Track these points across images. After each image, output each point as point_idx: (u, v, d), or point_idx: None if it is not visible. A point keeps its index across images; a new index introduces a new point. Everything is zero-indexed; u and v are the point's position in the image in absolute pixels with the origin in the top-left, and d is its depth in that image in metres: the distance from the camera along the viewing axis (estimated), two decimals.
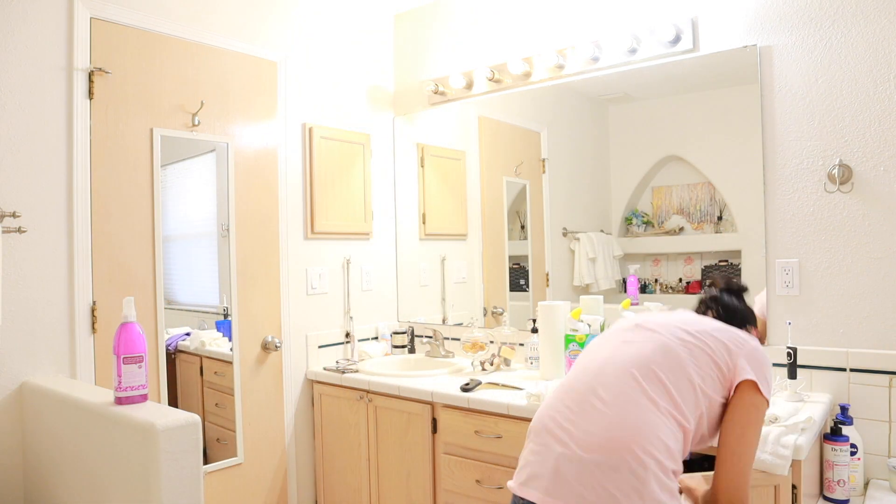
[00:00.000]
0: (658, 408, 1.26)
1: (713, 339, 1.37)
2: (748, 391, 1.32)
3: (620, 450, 1.21)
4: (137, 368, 1.62)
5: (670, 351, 1.35)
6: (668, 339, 1.37)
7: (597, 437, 1.24)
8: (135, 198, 2.23)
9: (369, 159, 3.08)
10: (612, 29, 2.49)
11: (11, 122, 1.94)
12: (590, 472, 1.21)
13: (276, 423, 2.68)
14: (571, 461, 1.24)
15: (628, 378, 1.31)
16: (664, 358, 1.34)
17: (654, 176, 2.55)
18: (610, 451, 1.21)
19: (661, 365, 1.32)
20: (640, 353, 1.36)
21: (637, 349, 1.37)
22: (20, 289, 1.95)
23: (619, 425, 1.24)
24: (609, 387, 1.31)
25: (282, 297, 2.71)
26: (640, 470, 1.19)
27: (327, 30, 2.93)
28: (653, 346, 1.37)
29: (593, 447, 1.23)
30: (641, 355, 1.35)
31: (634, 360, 1.34)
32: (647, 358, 1.34)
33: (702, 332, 1.39)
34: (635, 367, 1.33)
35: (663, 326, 1.42)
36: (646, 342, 1.39)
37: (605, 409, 1.27)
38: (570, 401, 1.34)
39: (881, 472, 1.94)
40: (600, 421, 1.26)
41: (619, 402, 1.28)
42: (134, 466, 1.51)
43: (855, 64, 1.99)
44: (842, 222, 2.03)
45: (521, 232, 2.93)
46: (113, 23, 2.17)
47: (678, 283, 2.51)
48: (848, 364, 2.00)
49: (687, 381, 1.31)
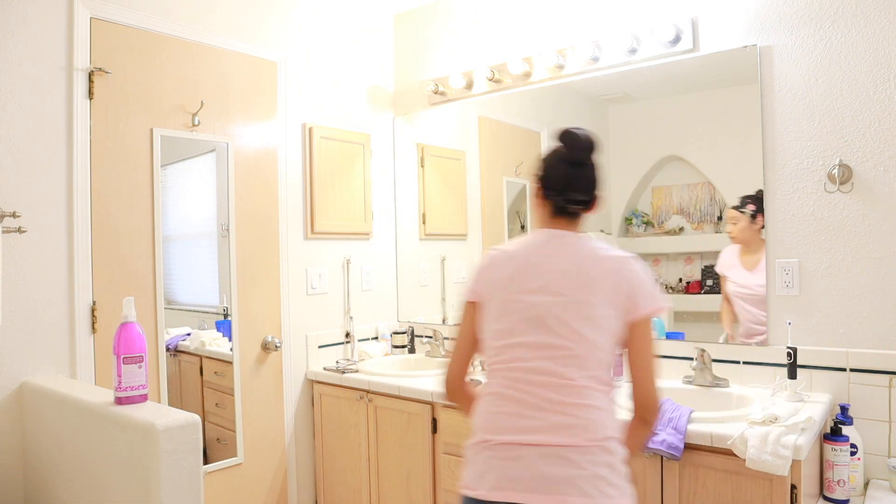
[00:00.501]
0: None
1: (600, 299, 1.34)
2: (646, 322, 1.38)
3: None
4: (137, 368, 1.62)
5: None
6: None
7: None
8: (135, 198, 2.23)
9: (369, 159, 3.08)
10: (612, 29, 2.49)
11: (11, 122, 1.94)
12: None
13: (276, 423, 2.68)
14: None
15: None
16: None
17: (654, 176, 2.55)
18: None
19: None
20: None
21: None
22: (20, 289, 1.95)
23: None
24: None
25: (282, 297, 2.71)
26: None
27: (327, 30, 2.93)
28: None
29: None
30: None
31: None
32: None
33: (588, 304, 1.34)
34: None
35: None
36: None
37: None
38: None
39: (881, 472, 1.94)
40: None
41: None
42: (134, 466, 1.51)
43: (855, 64, 1.99)
44: (842, 222, 2.03)
45: (521, 232, 2.93)
46: (113, 23, 2.17)
47: (678, 282, 2.51)
48: (848, 364, 2.00)
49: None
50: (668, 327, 2.45)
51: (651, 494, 1.82)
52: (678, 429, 1.74)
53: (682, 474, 1.77)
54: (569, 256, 1.39)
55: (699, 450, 1.74)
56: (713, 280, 2.40)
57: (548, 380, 1.32)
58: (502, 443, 1.31)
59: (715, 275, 2.40)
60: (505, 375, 1.36)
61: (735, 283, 2.33)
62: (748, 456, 1.61)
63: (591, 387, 1.33)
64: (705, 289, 2.42)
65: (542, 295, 1.36)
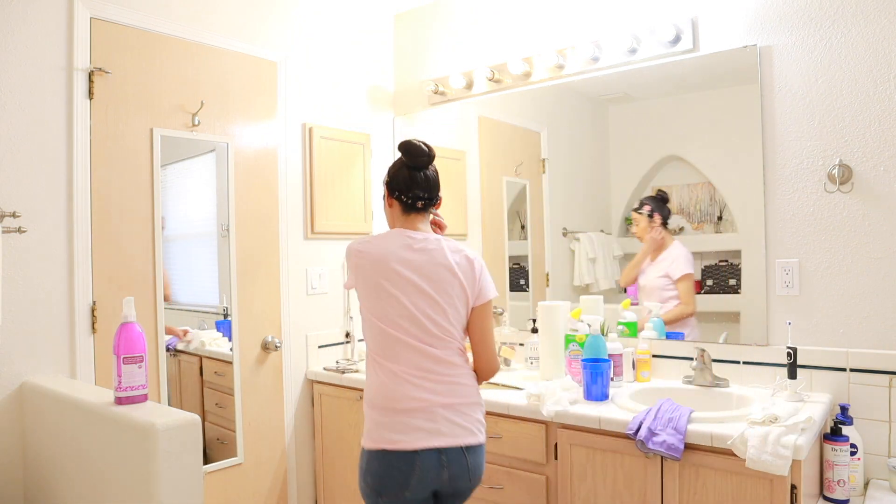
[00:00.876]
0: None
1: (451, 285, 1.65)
2: (488, 305, 1.72)
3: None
4: (137, 368, 1.62)
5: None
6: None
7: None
8: (135, 198, 2.23)
9: (369, 159, 3.08)
10: (612, 29, 2.49)
11: (11, 122, 1.94)
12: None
13: (276, 423, 2.68)
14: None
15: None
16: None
17: (654, 176, 2.55)
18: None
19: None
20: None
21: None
22: (20, 289, 1.95)
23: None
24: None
25: (282, 297, 2.71)
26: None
27: (327, 30, 2.93)
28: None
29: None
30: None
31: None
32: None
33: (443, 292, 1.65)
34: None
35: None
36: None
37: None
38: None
39: (881, 472, 1.94)
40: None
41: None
42: (134, 466, 1.51)
43: (855, 64, 1.99)
44: (842, 222, 2.03)
45: (521, 232, 2.93)
46: (113, 23, 2.17)
47: None
48: (848, 364, 2.00)
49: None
50: (668, 327, 2.45)
51: (651, 494, 1.82)
52: (678, 429, 1.74)
53: (682, 474, 1.77)
54: (426, 255, 1.65)
55: (699, 450, 1.74)
56: (713, 280, 2.40)
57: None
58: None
59: (715, 275, 2.40)
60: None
61: (641, 275, 2.60)
62: (748, 456, 1.61)
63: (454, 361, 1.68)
64: (705, 289, 2.42)
65: (408, 290, 1.64)
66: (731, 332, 2.29)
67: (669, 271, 2.51)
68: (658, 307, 2.47)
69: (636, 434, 1.79)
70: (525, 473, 2.10)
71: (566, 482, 2.00)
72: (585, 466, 1.95)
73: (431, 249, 1.66)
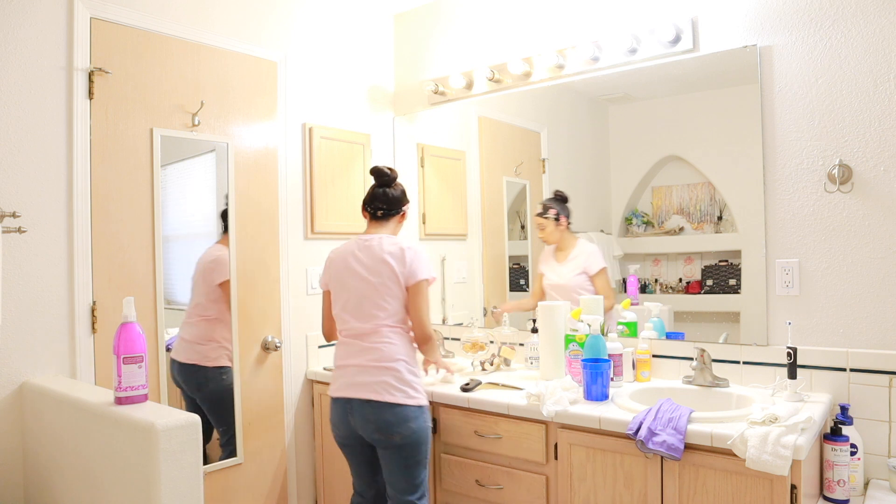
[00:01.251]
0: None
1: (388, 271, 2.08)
2: (419, 285, 2.09)
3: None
4: (137, 368, 1.62)
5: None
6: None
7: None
8: (135, 198, 2.23)
9: (369, 159, 3.08)
10: (612, 29, 2.50)
11: (11, 122, 1.94)
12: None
13: (276, 423, 2.68)
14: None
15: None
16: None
17: (654, 176, 2.55)
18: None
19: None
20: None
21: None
22: (20, 289, 1.95)
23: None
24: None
25: (282, 297, 2.71)
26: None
27: (327, 30, 2.93)
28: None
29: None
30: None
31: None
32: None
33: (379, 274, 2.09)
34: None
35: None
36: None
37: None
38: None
39: (881, 472, 1.94)
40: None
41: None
42: (134, 466, 1.51)
43: (855, 64, 2.00)
44: (842, 222, 2.03)
45: (521, 232, 2.93)
46: (113, 23, 2.17)
47: (678, 282, 2.51)
48: (848, 364, 2.00)
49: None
50: (668, 327, 2.45)
51: (651, 494, 1.82)
52: (678, 429, 1.74)
53: (682, 474, 1.77)
54: (369, 251, 2.12)
55: (699, 450, 1.74)
56: (713, 280, 2.41)
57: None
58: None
59: (715, 275, 2.41)
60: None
61: (550, 276, 2.73)
62: (748, 456, 1.61)
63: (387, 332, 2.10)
64: (705, 289, 2.42)
65: (356, 280, 2.12)
66: (731, 332, 2.30)
67: (587, 267, 2.60)
68: (659, 306, 2.47)
69: (636, 434, 1.79)
70: (525, 473, 2.10)
71: (566, 482, 2.00)
72: (585, 466, 1.95)
73: (373, 246, 2.12)
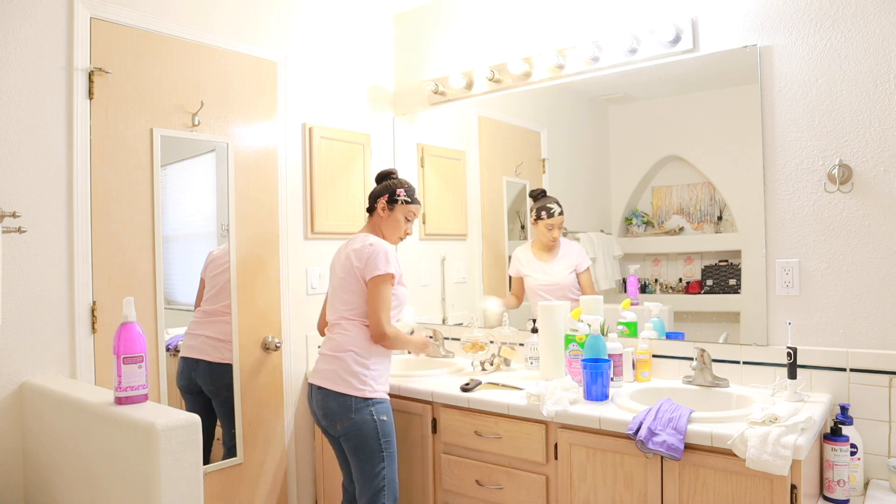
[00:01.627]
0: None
1: (350, 265, 2.19)
2: (373, 280, 2.14)
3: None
4: (137, 368, 1.62)
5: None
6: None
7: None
8: (135, 198, 2.23)
9: (369, 159, 3.08)
10: (612, 29, 2.50)
11: (11, 122, 1.94)
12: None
13: (276, 423, 2.68)
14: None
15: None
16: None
17: (654, 176, 2.55)
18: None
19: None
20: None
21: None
22: (20, 289, 1.95)
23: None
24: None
25: (282, 297, 2.71)
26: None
27: (327, 30, 2.93)
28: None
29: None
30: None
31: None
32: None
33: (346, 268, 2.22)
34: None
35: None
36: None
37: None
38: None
39: (881, 472, 1.94)
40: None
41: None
42: (134, 466, 1.51)
43: (855, 64, 2.00)
44: (842, 222, 2.03)
45: (521, 232, 2.93)
46: (113, 23, 2.17)
47: (678, 283, 2.51)
48: (848, 364, 2.00)
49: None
50: (668, 327, 2.45)
51: (651, 494, 1.82)
52: (678, 429, 1.74)
53: (682, 474, 1.77)
54: (345, 249, 2.26)
55: (699, 450, 1.74)
56: (713, 280, 2.41)
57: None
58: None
59: (715, 275, 2.40)
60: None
61: (538, 276, 2.73)
62: (748, 456, 1.61)
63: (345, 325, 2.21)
64: (705, 289, 2.42)
65: (333, 276, 2.29)
66: (731, 332, 2.30)
67: (578, 264, 2.62)
68: (659, 306, 2.47)
69: (636, 434, 1.79)
70: (525, 473, 2.10)
71: (566, 482, 2.00)
72: (585, 466, 1.95)
73: (349, 243, 2.26)
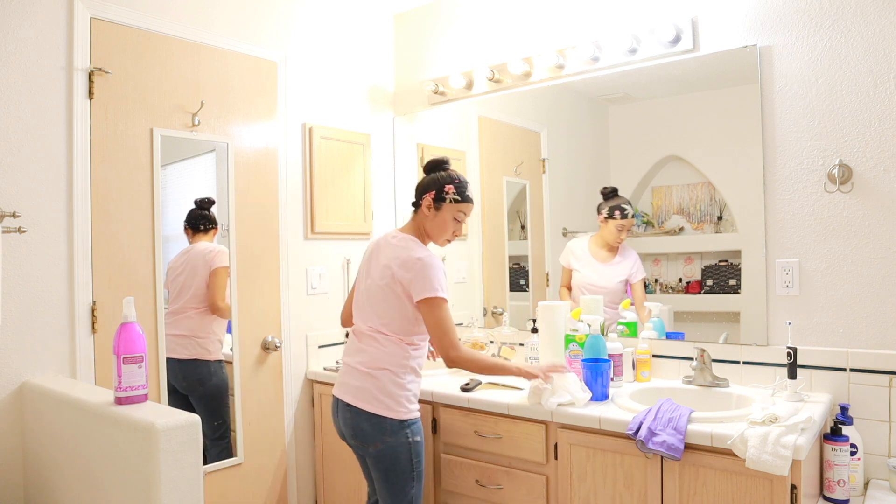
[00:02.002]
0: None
1: (391, 277, 1.97)
2: (429, 304, 1.96)
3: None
4: (137, 368, 1.62)
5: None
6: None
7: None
8: (135, 198, 2.23)
9: (369, 159, 3.08)
10: (612, 29, 2.49)
11: (11, 122, 1.94)
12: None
13: (276, 423, 2.68)
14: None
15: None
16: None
17: (654, 176, 2.55)
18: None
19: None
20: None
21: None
22: (20, 289, 1.95)
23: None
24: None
25: (282, 297, 2.71)
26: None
27: (327, 30, 2.93)
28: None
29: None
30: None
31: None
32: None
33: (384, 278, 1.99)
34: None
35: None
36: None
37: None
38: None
39: (881, 472, 1.94)
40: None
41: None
42: (134, 466, 1.51)
43: (855, 64, 2.00)
44: (842, 222, 2.03)
45: (521, 232, 2.93)
46: (113, 23, 2.17)
47: (678, 282, 2.51)
48: (848, 364, 2.00)
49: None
50: (668, 327, 2.45)
51: (651, 494, 1.82)
52: (678, 429, 1.74)
53: (682, 474, 1.77)
54: (387, 251, 2.03)
55: (699, 450, 1.74)
56: (713, 280, 2.41)
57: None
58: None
59: (715, 275, 2.40)
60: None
61: (588, 275, 2.63)
62: (748, 456, 1.61)
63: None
64: (705, 289, 2.42)
65: (369, 276, 2.06)
66: (731, 332, 2.30)
67: (632, 274, 2.55)
68: (659, 307, 2.47)
69: (636, 434, 1.79)
70: (525, 473, 2.10)
71: (566, 482, 2.00)
72: (585, 466, 1.95)
73: (387, 242, 2.05)
